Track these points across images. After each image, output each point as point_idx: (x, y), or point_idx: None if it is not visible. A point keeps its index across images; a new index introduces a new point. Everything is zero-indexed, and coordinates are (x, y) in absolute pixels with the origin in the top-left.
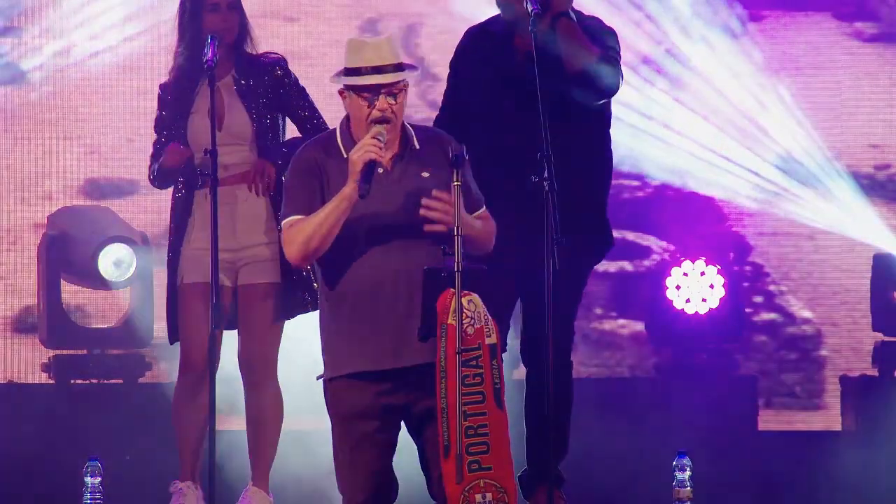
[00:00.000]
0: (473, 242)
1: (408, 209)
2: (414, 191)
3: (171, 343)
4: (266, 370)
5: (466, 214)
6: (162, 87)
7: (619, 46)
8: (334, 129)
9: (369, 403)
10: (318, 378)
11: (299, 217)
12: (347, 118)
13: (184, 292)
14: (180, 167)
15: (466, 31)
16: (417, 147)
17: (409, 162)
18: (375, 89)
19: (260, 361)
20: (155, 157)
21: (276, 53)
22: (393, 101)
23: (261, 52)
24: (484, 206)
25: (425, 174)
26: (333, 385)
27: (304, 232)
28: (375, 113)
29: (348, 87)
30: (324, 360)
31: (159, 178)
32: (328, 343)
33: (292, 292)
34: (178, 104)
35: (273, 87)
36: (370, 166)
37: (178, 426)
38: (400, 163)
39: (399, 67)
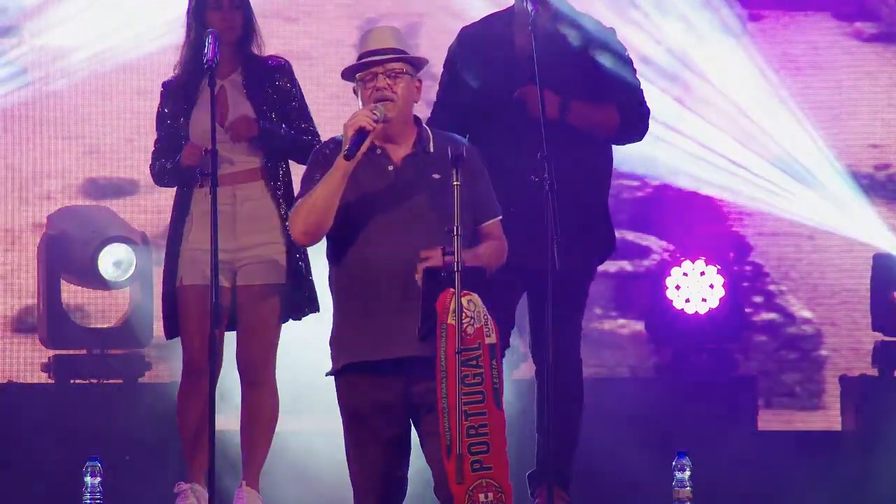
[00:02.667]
0: (479, 271)
1: (412, 208)
2: (422, 190)
3: (168, 339)
4: (263, 371)
5: (466, 251)
6: (165, 83)
7: (633, 65)
8: None
9: (370, 400)
10: (326, 374)
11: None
12: None
13: (183, 294)
14: (198, 165)
15: (462, 32)
16: (432, 150)
17: (422, 162)
18: (373, 70)
19: (257, 362)
20: (158, 153)
21: (281, 57)
22: (392, 82)
23: (266, 54)
24: (496, 217)
25: (436, 176)
26: (337, 381)
27: (304, 206)
28: (375, 92)
29: (352, 73)
30: (330, 354)
31: (171, 176)
32: (333, 336)
33: (297, 292)
34: (180, 100)
35: (278, 92)
36: (360, 134)
37: (182, 426)
38: (413, 162)
39: (397, 52)
